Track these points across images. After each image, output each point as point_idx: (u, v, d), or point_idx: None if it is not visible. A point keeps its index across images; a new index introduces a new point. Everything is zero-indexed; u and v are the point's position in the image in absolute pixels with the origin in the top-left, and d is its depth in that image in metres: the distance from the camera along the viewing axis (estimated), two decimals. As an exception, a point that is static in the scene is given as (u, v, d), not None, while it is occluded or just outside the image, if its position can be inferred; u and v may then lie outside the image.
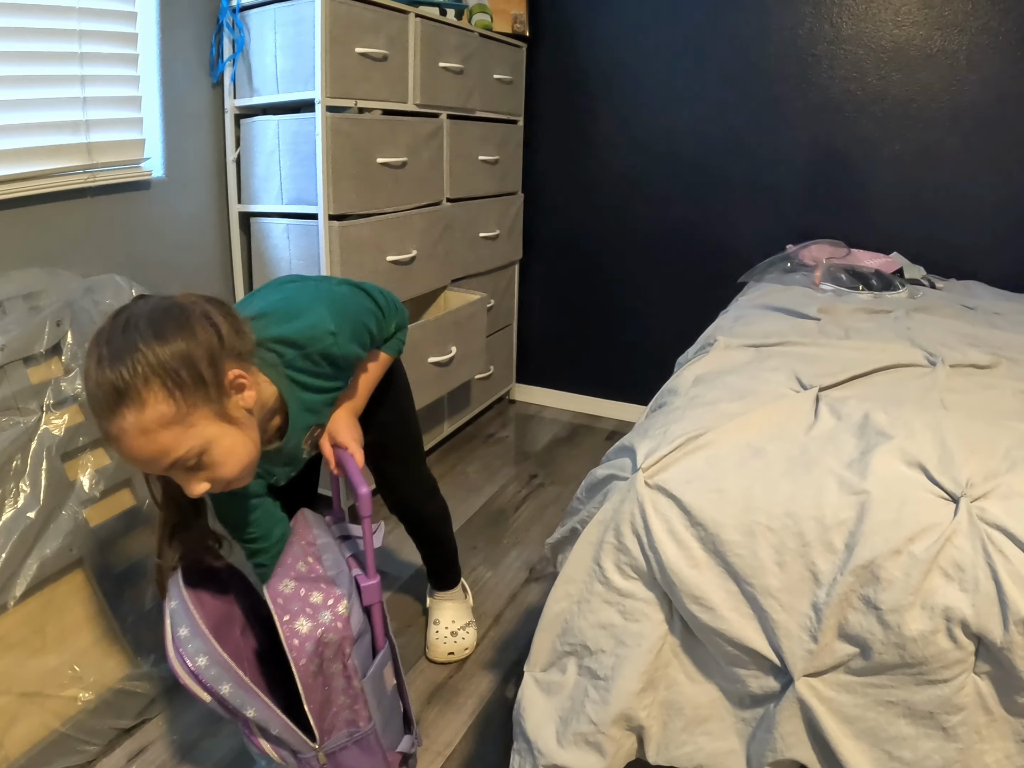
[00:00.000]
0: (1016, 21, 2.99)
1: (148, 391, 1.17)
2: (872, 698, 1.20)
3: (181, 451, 1.22)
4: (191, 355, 1.21)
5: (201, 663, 1.32)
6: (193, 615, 1.36)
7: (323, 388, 1.52)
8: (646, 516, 1.32)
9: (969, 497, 1.21)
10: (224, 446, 1.28)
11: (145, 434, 1.18)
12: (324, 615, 1.39)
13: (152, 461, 1.23)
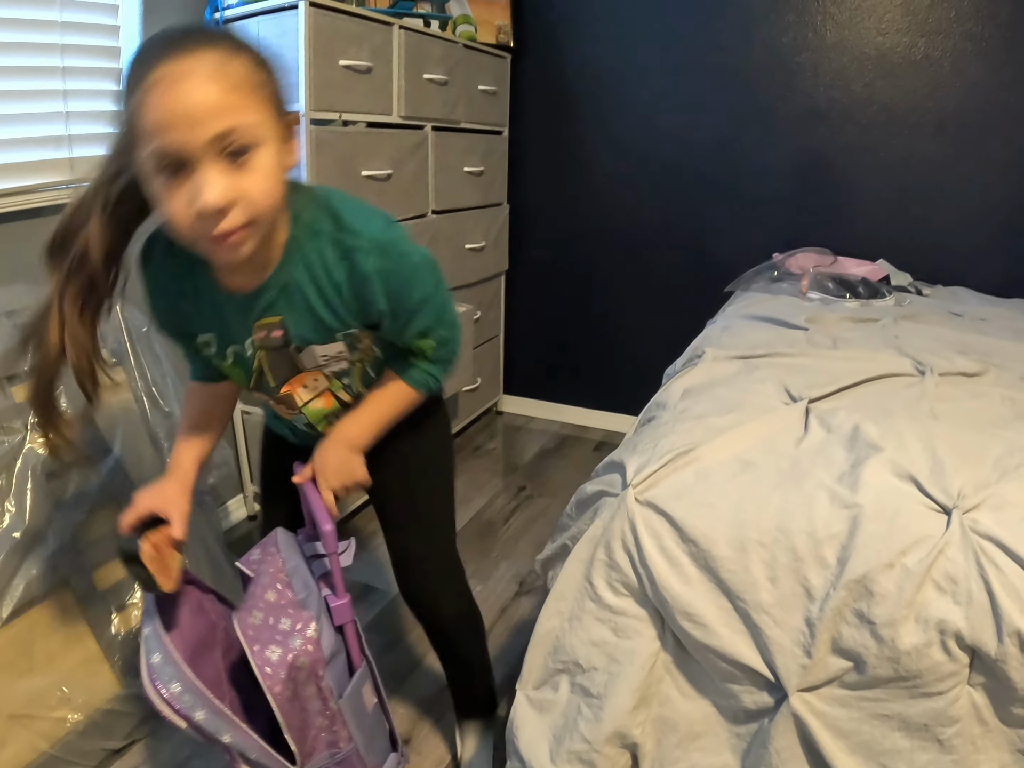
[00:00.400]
0: (1000, 27, 3.00)
1: (239, 50, 1.06)
2: (867, 712, 1.19)
3: (238, 120, 1.04)
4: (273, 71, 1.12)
5: (174, 689, 1.30)
6: (165, 642, 1.35)
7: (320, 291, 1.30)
8: (637, 533, 1.31)
9: (961, 509, 1.21)
10: (271, 160, 1.11)
11: (216, 81, 1.02)
12: (294, 640, 1.37)
13: (201, 118, 1.02)
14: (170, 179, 1.05)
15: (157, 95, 1.01)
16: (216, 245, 1.11)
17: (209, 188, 1.04)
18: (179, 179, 1.05)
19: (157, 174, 1.06)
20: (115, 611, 1.98)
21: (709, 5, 3.41)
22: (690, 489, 1.34)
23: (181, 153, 1.03)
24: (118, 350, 2.15)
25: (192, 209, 1.05)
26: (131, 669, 1.95)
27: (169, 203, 1.07)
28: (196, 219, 1.07)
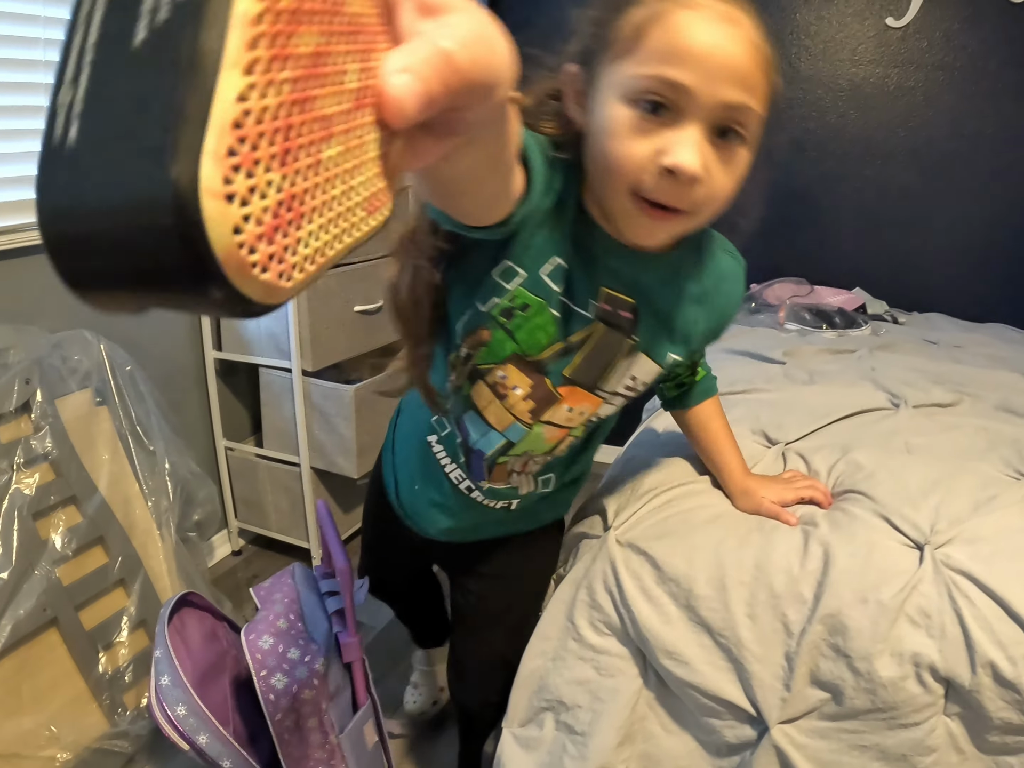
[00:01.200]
0: (971, 57, 3.05)
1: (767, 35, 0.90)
2: (846, 743, 1.21)
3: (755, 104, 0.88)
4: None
5: (180, 712, 1.34)
6: (175, 665, 1.38)
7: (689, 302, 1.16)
8: (618, 574, 1.33)
9: (933, 544, 1.24)
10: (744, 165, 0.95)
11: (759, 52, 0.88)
12: (300, 671, 1.40)
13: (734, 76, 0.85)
14: (646, 115, 0.88)
15: (695, 21, 0.85)
16: (644, 212, 0.93)
17: (695, 152, 0.86)
18: (656, 120, 0.88)
19: (630, 102, 0.89)
20: (102, 650, 1.99)
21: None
22: (671, 530, 1.36)
23: (688, 96, 0.86)
24: (102, 389, 2.16)
25: (656, 160, 0.87)
26: (119, 707, 1.95)
27: (626, 140, 0.89)
28: (652, 171, 0.89)
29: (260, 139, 0.29)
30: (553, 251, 1.02)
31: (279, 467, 2.84)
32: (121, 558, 2.07)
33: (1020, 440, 1.68)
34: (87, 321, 2.26)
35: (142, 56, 0.28)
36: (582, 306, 1.08)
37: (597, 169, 0.96)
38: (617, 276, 1.07)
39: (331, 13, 0.35)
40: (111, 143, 0.28)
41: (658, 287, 1.10)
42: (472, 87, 0.41)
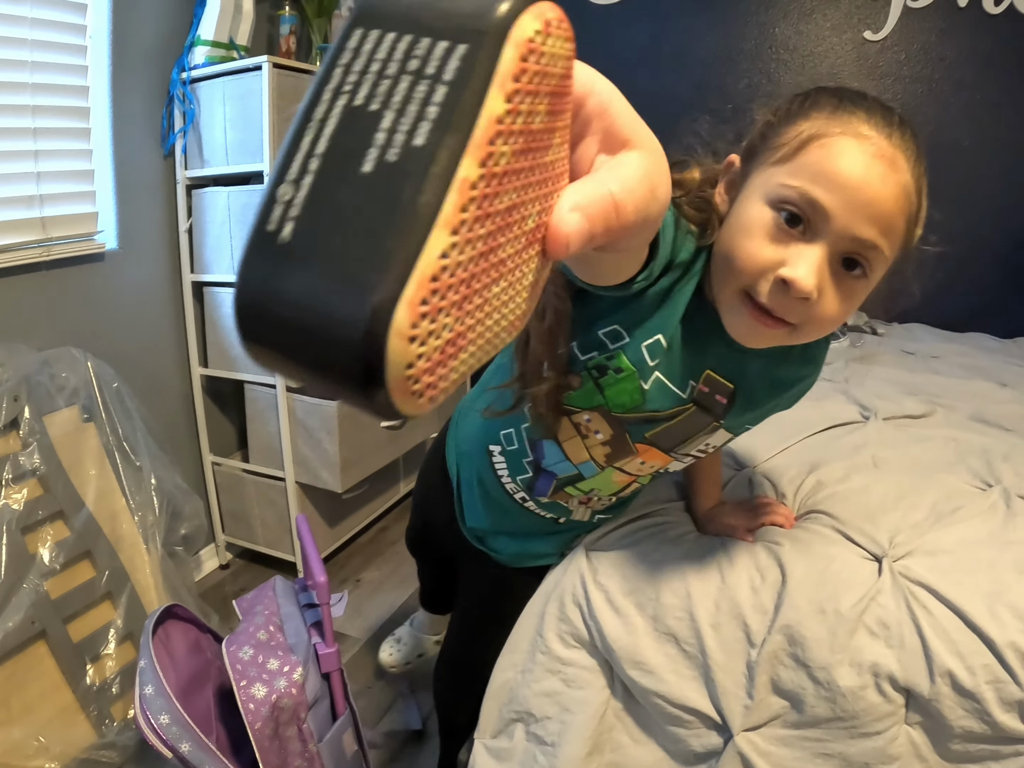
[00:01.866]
0: (948, 69, 3.09)
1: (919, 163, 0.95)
2: (809, 751, 1.23)
3: (886, 245, 0.92)
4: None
5: (163, 721, 1.38)
6: (159, 675, 1.41)
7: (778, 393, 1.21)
8: (587, 587, 1.36)
9: (892, 557, 1.27)
10: (863, 295, 0.99)
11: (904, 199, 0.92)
12: (279, 681, 1.43)
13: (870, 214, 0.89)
14: (780, 223, 0.92)
15: (857, 153, 0.89)
16: (749, 314, 0.96)
17: (810, 270, 0.89)
18: (787, 231, 0.92)
19: (772, 205, 0.93)
20: (90, 662, 2.01)
21: (665, 53, 3.49)
22: (639, 546, 1.39)
23: (826, 220, 0.90)
24: (89, 405, 2.19)
25: (776, 266, 0.91)
26: (107, 718, 1.98)
27: (756, 240, 0.93)
28: (769, 277, 0.92)
29: (448, 290, 0.33)
30: (662, 328, 1.05)
31: (265, 481, 2.87)
32: (108, 572, 2.09)
33: (990, 450, 1.71)
34: (75, 338, 2.29)
35: (365, 188, 0.32)
36: (680, 386, 1.11)
37: (721, 259, 0.98)
38: (723, 362, 1.10)
39: (533, 168, 0.37)
40: (322, 256, 0.31)
41: (757, 375, 1.14)
42: (630, 230, 0.44)
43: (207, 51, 2.55)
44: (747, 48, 3.35)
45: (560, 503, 1.37)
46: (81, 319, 2.41)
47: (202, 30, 2.56)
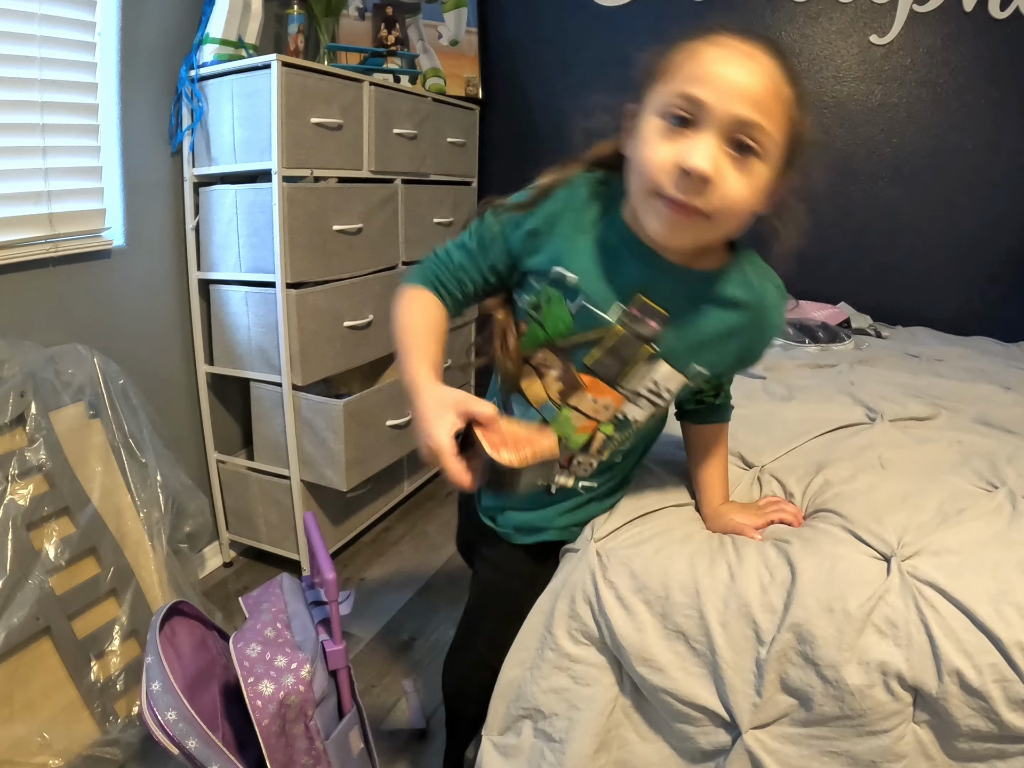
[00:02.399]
0: (954, 72, 3.11)
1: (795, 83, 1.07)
2: (817, 749, 1.24)
3: (766, 122, 1.03)
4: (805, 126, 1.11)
5: (170, 717, 1.37)
6: (166, 671, 1.40)
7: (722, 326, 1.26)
8: (597, 584, 1.37)
9: (900, 556, 1.27)
10: (763, 179, 1.09)
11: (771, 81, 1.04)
12: (287, 678, 1.42)
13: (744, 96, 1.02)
14: (672, 127, 1.06)
15: (718, 53, 1.04)
16: (664, 208, 1.08)
17: (704, 153, 1.02)
18: (679, 132, 1.05)
19: (661, 115, 1.07)
20: (94, 659, 2.01)
21: (671, 57, 3.48)
22: (649, 543, 1.39)
23: (703, 109, 1.03)
24: (95, 402, 2.19)
25: (674, 159, 1.04)
26: (111, 715, 1.98)
27: (653, 145, 1.07)
28: (670, 171, 1.05)
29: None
30: (580, 256, 1.23)
31: (269, 480, 2.87)
32: (113, 568, 2.10)
33: (994, 453, 1.71)
34: (81, 335, 2.29)
35: None
36: (603, 307, 1.24)
37: (632, 175, 1.13)
38: (654, 284, 1.22)
39: None
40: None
41: (697, 306, 1.23)
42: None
43: (216, 49, 2.55)
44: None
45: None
46: (88, 316, 2.41)
47: (211, 28, 2.57)
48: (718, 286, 1.23)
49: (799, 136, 1.10)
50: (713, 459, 1.50)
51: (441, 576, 3.04)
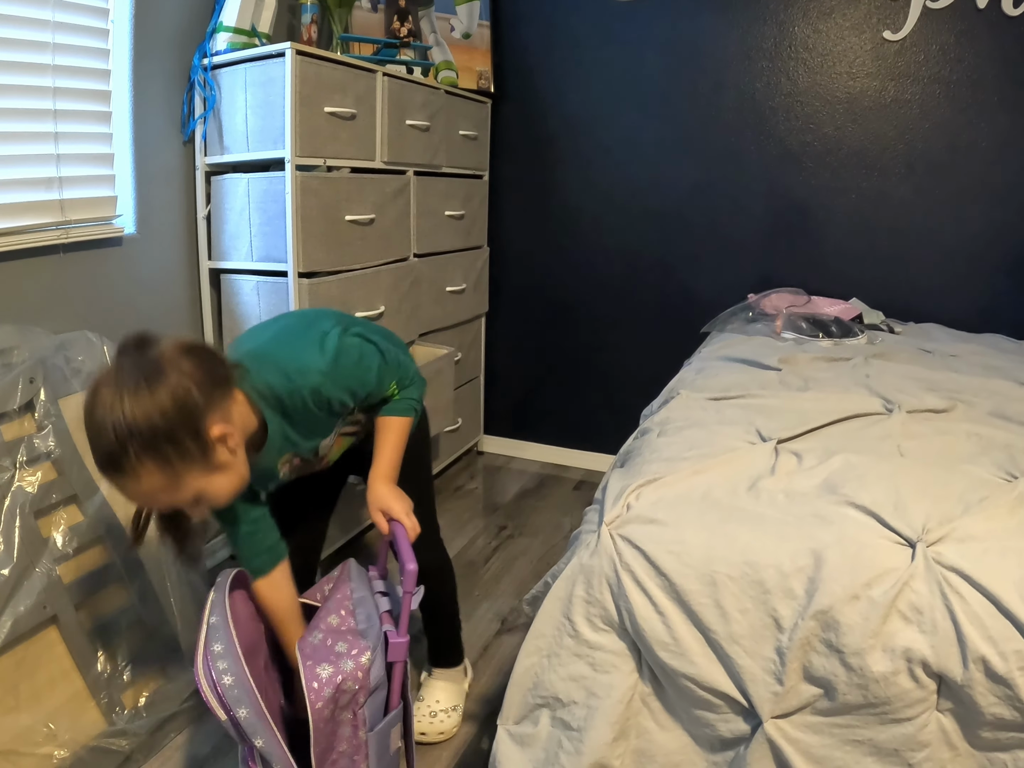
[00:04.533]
0: (967, 70, 3.09)
1: (141, 466, 1.26)
2: (839, 738, 1.23)
3: (177, 501, 1.36)
4: (174, 432, 1.27)
5: (227, 682, 1.34)
6: (232, 634, 1.38)
7: (310, 424, 1.61)
8: (616, 568, 1.35)
9: (925, 542, 1.25)
10: (215, 488, 1.38)
11: (145, 496, 1.34)
12: (346, 664, 1.43)
13: (152, 505, 1.42)
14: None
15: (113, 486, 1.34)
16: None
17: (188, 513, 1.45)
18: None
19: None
20: (101, 649, 1.99)
21: (684, 52, 3.49)
22: (662, 526, 1.38)
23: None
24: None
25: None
26: (118, 706, 1.96)
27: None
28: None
29: None
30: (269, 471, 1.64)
31: (279, 471, 2.83)
32: (121, 558, 2.08)
33: (1013, 445, 1.70)
34: (91, 322, 2.28)
35: None
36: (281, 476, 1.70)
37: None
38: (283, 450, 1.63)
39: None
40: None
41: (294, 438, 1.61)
42: None
43: (229, 37, 2.55)
44: (766, 47, 3.35)
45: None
46: (98, 303, 2.40)
47: (224, 16, 2.56)
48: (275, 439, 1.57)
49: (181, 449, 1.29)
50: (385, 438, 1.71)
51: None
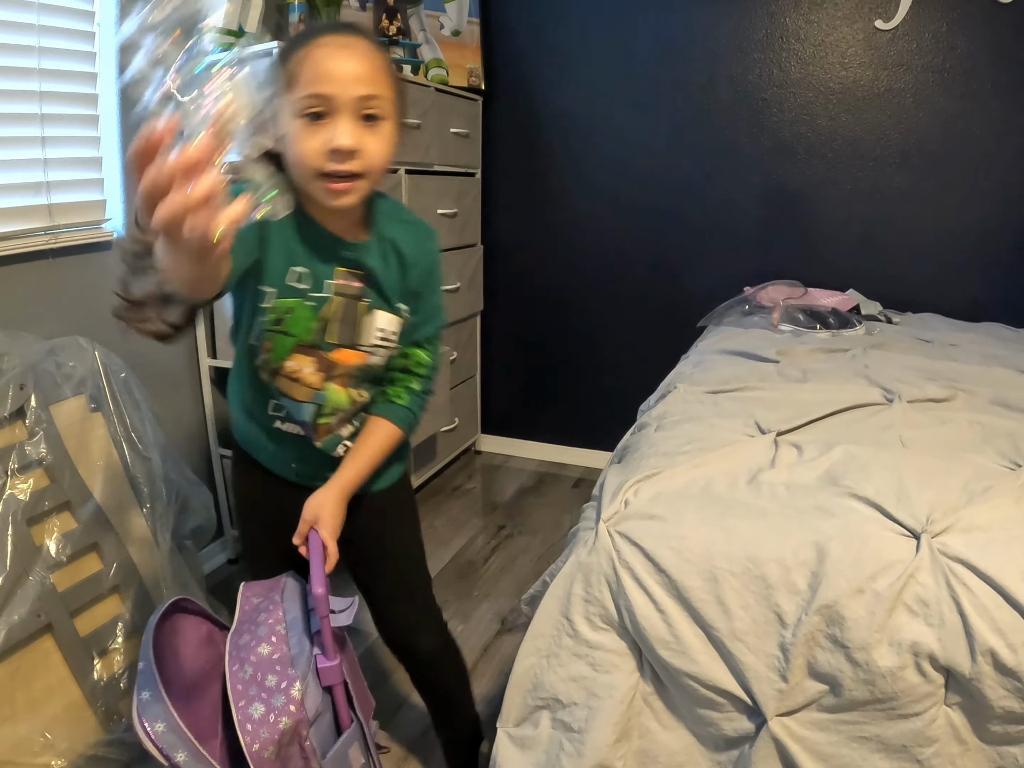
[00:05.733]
0: (960, 58, 3.08)
1: (381, 50, 1.35)
2: (845, 735, 1.21)
3: (380, 91, 1.31)
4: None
5: (158, 728, 1.31)
6: (156, 679, 1.34)
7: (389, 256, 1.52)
8: (615, 565, 1.33)
9: (930, 533, 1.23)
10: (391, 132, 1.36)
11: (370, 59, 1.30)
12: (278, 699, 1.36)
13: (357, 79, 1.29)
14: (312, 121, 1.27)
15: (325, 53, 1.27)
16: (331, 184, 1.31)
17: (345, 133, 1.28)
18: (319, 123, 1.27)
19: (301, 116, 1.27)
20: (97, 656, 1.98)
21: (676, 45, 3.48)
22: (661, 522, 1.36)
23: (332, 101, 1.27)
24: (96, 395, 2.16)
25: (326, 147, 1.27)
26: (114, 715, 1.94)
27: (305, 140, 1.28)
28: (326, 156, 1.28)
29: None
30: (290, 263, 1.42)
31: (274, 475, 2.81)
32: (116, 564, 2.06)
33: (1015, 433, 1.68)
34: (82, 327, 2.26)
35: None
36: (323, 289, 1.46)
37: (295, 170, 1.34)
38: (347, 261, 1.46)
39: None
40: None
41: (374, 263, 1.48)
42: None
43: (216, 38, 2.51)
44: (758, 38, 3.33)
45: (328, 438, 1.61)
46: (88, 308, 2.38)
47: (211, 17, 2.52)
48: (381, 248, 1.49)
49: (402, 89, 1.37)
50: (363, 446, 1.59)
51: (450, 570, 3.02)
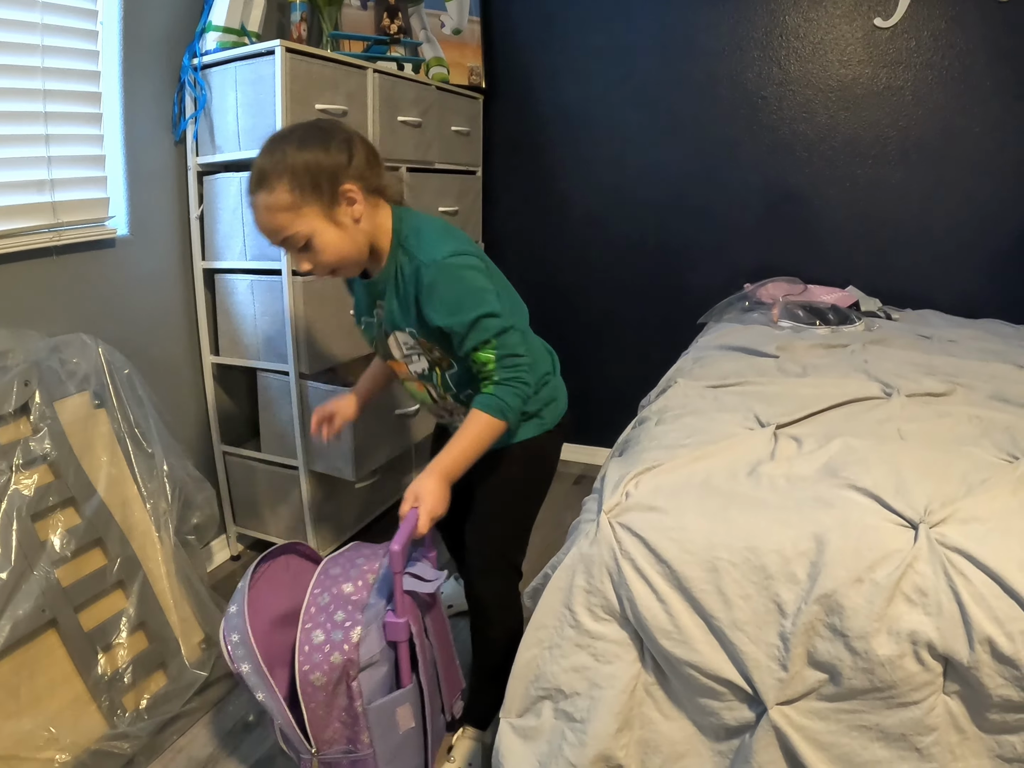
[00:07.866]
0: (958, 55, 3.08)
1: (278, 182, 1.54)
2: (845, 723, 1.22)
3: (290, 232, 1.58)
4: (318, 166, 1.56)
5: (234, 639, 1.56)
6: (244, 597, 1.60)
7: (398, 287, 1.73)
8: (616, 556, 1.34)
9: (928, 523, 1.25)
10: (325, 239, 1.60)
11: (268, 211, 1.57)
12: (337, 634, 1.53)
13: (271, 233, 1.61)
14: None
15: (252, 213, 1.62)
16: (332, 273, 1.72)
17: (295, 264, 1.71)
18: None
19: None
20: (101, 651, 1.99)
21: (676, 44, 3.48)
22: (662, 513, 1.37)
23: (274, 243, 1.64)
24: (100, 392, 2.17)
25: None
26: (118, 709, 1.95)
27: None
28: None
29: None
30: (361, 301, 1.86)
31: (277, 471, 2.84)
32: (120, 560, 2.07)
33: (1013, 427, 1.69)
34: (85, 324, 2.28)
35: None
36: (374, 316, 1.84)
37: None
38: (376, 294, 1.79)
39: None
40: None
41: (387, 295, 1.75)
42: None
43: (219, 37, 2.53)
44: (757, 36, 3.34)
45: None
46: (92, 305, 2.40)
47: (213, 16, 2.54)
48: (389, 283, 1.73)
49: (303, 186, 1.55)
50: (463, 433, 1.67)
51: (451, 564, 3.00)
